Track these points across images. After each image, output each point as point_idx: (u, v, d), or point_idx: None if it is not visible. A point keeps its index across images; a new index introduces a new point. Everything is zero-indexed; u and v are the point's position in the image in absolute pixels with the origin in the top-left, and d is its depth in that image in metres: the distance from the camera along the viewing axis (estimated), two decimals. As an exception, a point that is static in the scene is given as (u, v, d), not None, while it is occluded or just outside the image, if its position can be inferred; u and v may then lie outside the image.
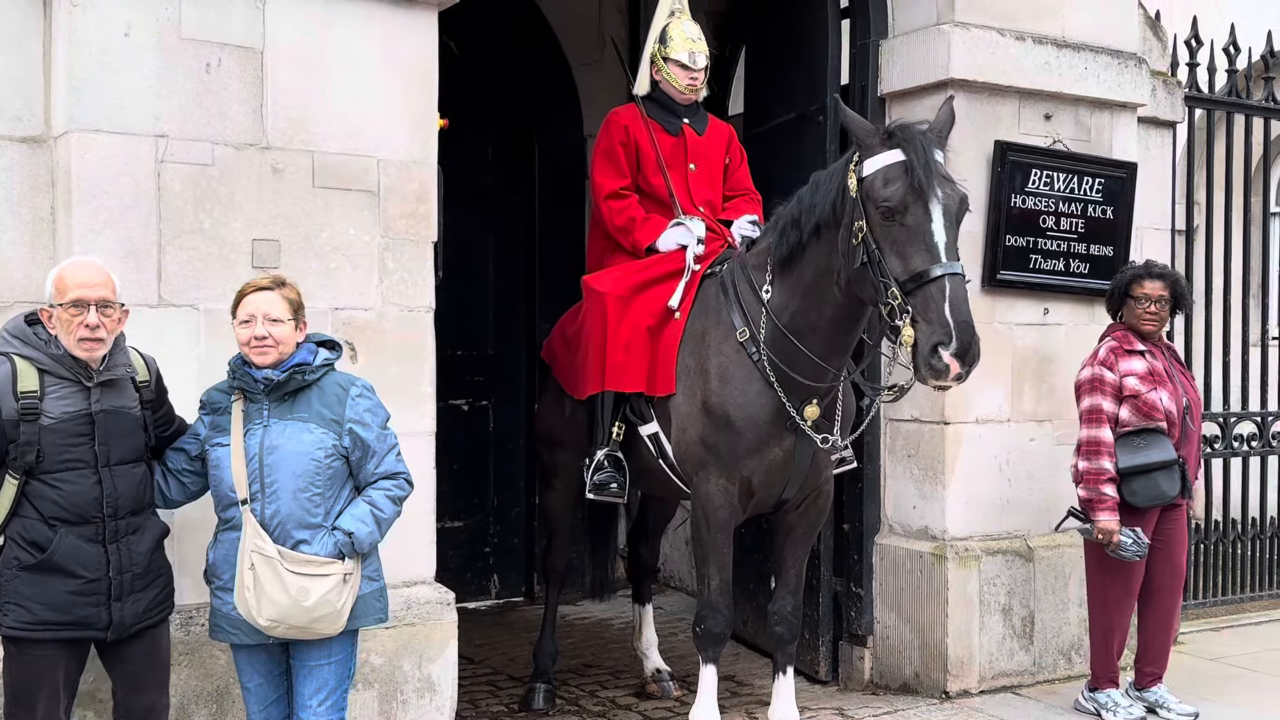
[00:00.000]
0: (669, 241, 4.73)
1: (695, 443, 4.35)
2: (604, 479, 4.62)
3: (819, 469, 4.38)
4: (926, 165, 3.74)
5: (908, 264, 3.70)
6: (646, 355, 4.51)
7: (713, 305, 4.44)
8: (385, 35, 4.14)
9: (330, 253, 4.07)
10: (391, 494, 3.48)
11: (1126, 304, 4.92)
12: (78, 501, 3.20)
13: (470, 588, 6.90)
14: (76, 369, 3.23)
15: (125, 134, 3.76)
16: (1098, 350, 4.88)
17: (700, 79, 4.89)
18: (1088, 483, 4.73)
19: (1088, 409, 4.78)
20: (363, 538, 3.39)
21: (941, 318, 3.61)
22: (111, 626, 3.27)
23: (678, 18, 4.91)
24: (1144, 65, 5.74)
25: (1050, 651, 5.43)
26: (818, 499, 4.53)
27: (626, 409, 4.66)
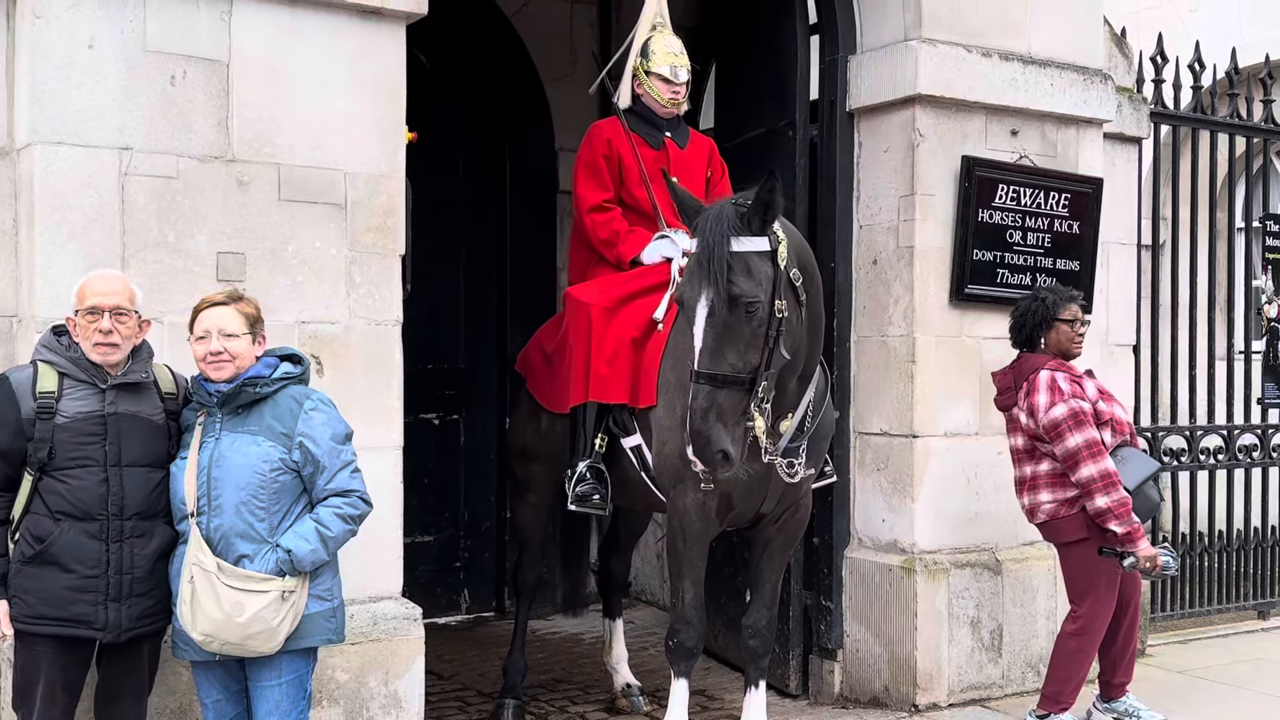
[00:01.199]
0: (653, 254, 4.75)
1: (674, 456, 4.33)
2: (586, 490, 4.60)
3: (797, 484, 4.37)
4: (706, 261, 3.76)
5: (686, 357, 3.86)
6: (630, 367, 4.51)
7: None
8: (353, 48, 4.13)
9: (297, 266, 4.05)
10: (342, 512, 3.41)
11: (1054, 329, 4.74)
12: (83, 497, 3.29)
13: (440, 603, 6.86)
14: (93, 372, 3.36)
15: (89, 146, 3.75)
16: (1054, 384, 4.62)
17: (682, 93, 4.92)
18: (1120, 516, 4.51)
19: (1086, 444, 4.53)
20: (302, 555, 3.34)
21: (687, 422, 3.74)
22: (109, 627, 3.31)
23: (660, 31, 4.93)
24: (1110, 82, 5.80)
25: (1019, 664, 5.45)
26: (796, 513, 4.53)
27: (609, 421, 4.65)
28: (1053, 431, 4.61)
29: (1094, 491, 4.53)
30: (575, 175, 5.00)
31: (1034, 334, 4.80)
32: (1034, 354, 4.79)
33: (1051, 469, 4.70)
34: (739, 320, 3.75)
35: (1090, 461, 4.53)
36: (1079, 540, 4.69)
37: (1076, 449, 4.55)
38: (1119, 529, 4.52)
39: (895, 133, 5.33)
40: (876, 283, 5.43)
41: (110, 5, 3.77)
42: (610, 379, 4.53)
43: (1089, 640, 4.76)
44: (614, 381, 4.53)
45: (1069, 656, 4.75)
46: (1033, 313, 4.81)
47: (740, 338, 3.76)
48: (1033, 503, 4.80)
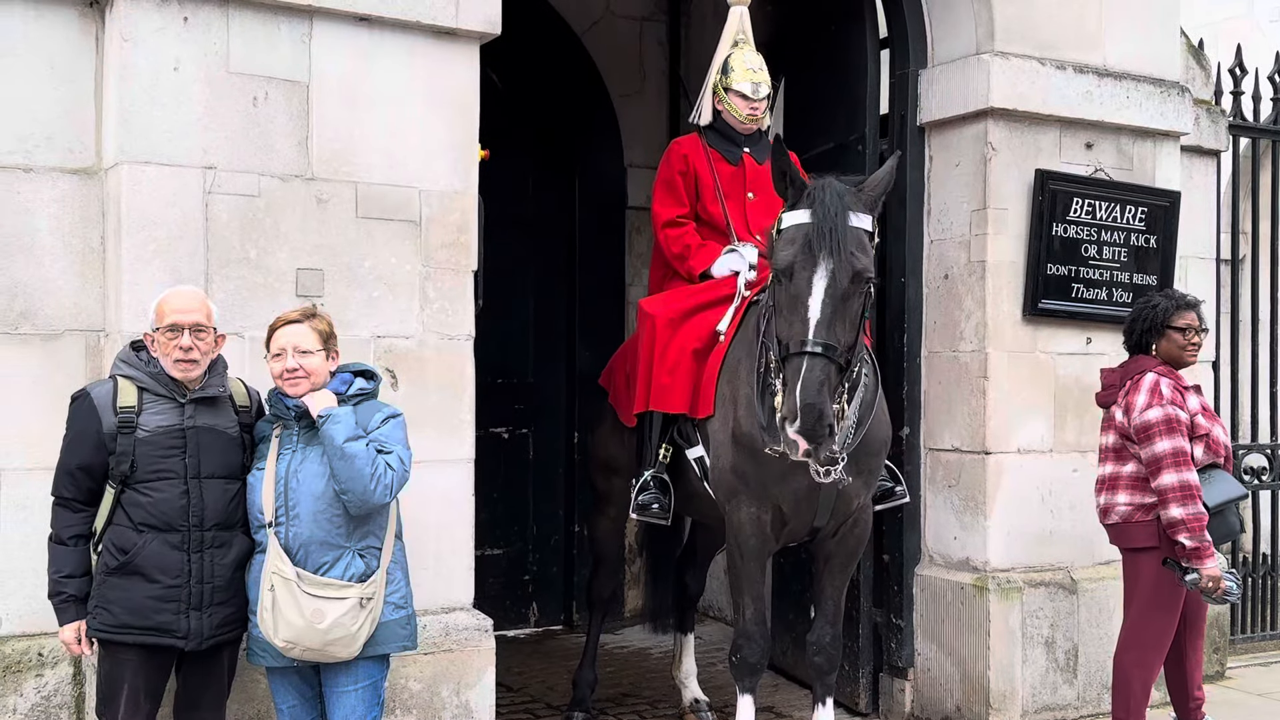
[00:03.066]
0: (722, 268, 4.76)
1: (727, 470, 4.35)
2: (647, 499, 4.62)
3: (849, 497, 4.34)
4: (823, 235, 3.71)
5: (786, 330, 3.77)
6: (691, 378, 4.54)
7: (750, 334, 4.46)
8: (428, 68, 4.20)
9: (372, 282, 4.12)
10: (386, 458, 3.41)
11: (1167, 336, 4.64)
12: (166, 509, 3.37)
13: (509, 615, 6.91)
14: (172, 386, 3.44)
15: (174, 166, 3.85)
16: (1157, 387, 4.51)
17: (761, 109, 4.93)
18: (1193, 530, 4.39)
19: (1172, 452, 4.41)
20: (337, 415, 3.37)
21: (792, 396, 3.63)
22: (190, 635, 3.39)
23: (741, 48, 4.95)
24: (1187, 94, 5.70)
25: (1094, 685, 5.35)
26: (854, 527, 4.50)
27: (674, 432, 4.67)
28: (1143, 433, 4.49)
29: (1170, 501, 4.42)
30: (654, 191, 5.06)
31: (1144, 339, 4.67)
32: (1146, 356, 4.68)
33: (1135, 472, 4.58)
34: (853, 295, 3.73)
35: (1173, 470, 4.42)
36: (1147, 548, 4.57)
37: (1162, 454, 4.44)
38: (1188, 542, 4.40)
39: (967, 146, 5.30)
40: (947, 297, 5.39)
41: (195, 28, 3.87)
42: (671, 389, 4.56)
43: (1147, 655, 4.62)
44: (674, 391, 4.55)
45: (1126, 673, 4.63)
46: (1144, 318, 4.68)
47: (850, 313, 3.73)
48: (1109, 502, 4.68)
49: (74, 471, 3.40)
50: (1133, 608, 4.66)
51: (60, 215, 3.94)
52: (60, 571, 3.41)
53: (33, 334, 3.91)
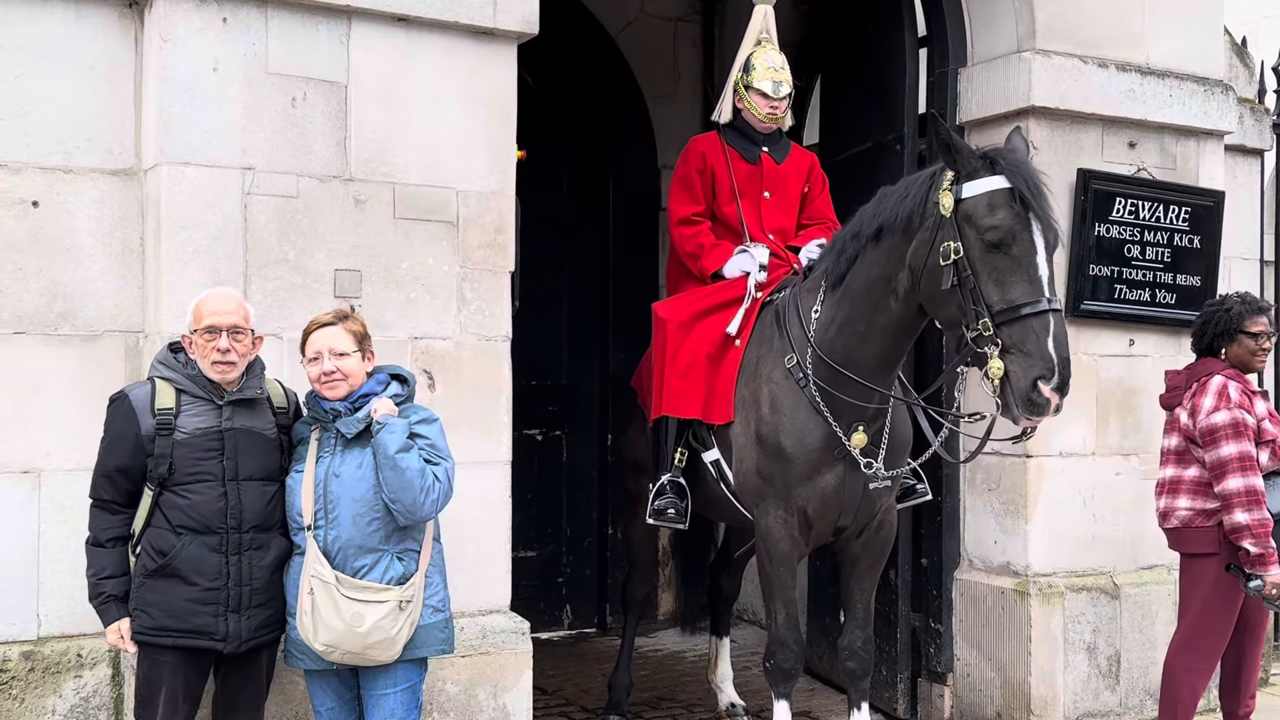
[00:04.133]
0: (734, 268, 4.71)
1: (752, 473, 4.32)
2: (663, 504, 4.59)
3: (873, 497, 4.30)
4: (1038, 196, 3.68)
5: (1006, 294, 3.61)
6: (704, 382, 4.49)
7: (767, 333, 4.42)
8: (465, 68, 4.19)
9: (410, 283, 4.11)
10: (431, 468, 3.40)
11: (1238, 341, 4.54)
12: (204, 511, 3.36)
13: (543, 618, 6.89)
14: (210, 388, 3.43)
15: (213, 167, 3.85)
16: (1224, 390, 4.44)
17: (781, 108, 4.87)
18: (1258, 536, 4.33)
19: (1238, 456, 4.35)
20: (393, 425, 3.37)
21: (1043, 351, 3.54)
22: (229, 637, 3.38)
23: (763, 47, 4.90)
24: (1230, 92, 5.62)
25: (1137, 692, 5.28)
26: (880, 530, 4.45)
27: (689, 435, 4.64)
28: (1208, 436, 4.42)
29: (1235, 506, 4.34)
30: (670, 189, 5.03)
31: (1214, 343, 4.59)
32: (1214, 359, 4.59)
33: (1198, 476, 4.50)
34: (1052, 258, 3.71)
35: (1239, 474, 4.34)
36: (1207, 554, 4.48)
37: (1228, 459, 4.36)
38: (1253, 548, 4.32)
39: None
40: (987, 299, 5.33)
41: (234, 29, 3.87)
42: (683, 393, 4.51)
43: (1199, 661, 4.54)
44: (687, 396, 4.51)
45: (1176, 678, 4.54)
46: (1215, 321, 4.60)
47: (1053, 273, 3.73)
48: (1169, 506, 4.59)
49: (112, 474, 3.39)
50: (1189, 613, 4.58)
51: (100, 216, 3.95)
52: (100, 573, 3.40)
53: (72, 335, 3.92)
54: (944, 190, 3.75)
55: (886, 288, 3.97)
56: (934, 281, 3.77)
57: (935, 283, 3.76)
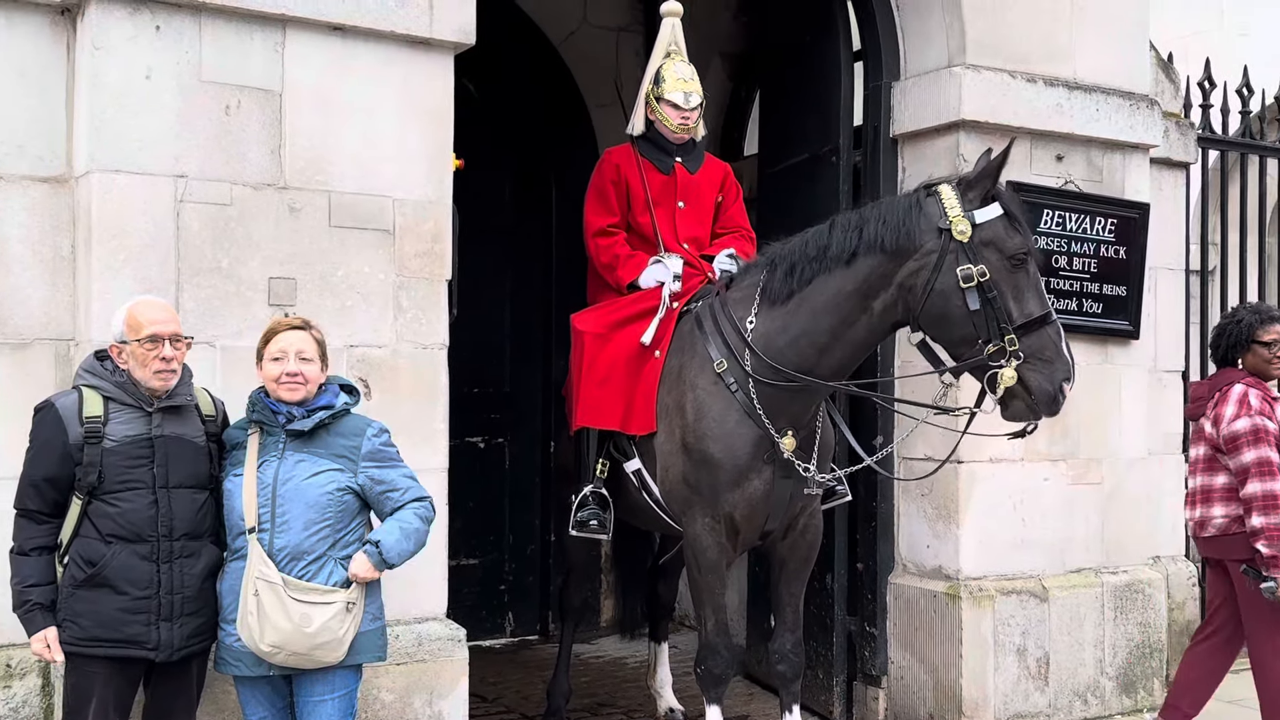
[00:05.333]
0: (649, 279, 4.75)
1: (678, 481, 4.36)
2: (586, 515, 4.62)
3: (798, 500, 4.39)
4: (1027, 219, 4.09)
5: (1024, 309, 3.92)
6: (623, 393, 4.52)
7: (688, 341, 4.46)
8: (402, 78, 4.21)
9: (345, 291, 4.12)
10: (421, 513, 3.52)
11: (1252, 350, 4.70)
12: (134, 520, 3.34)
13: (485, 625, 6.89)
14: (139, 395, 3.41)
15: (145, 174, 3.83)
16: (1245, 398, 4.59)
17: (692, 118, 4.91)
18: (1271, 539, 4.45)
19: (1257, 461, 4.50)
20: (390, 545, 3.43)
21: (1063, 356, 3.91)
22: (161, 646, 3.36)
23: (672, 58, 4.94)
24: (1156, 107, 5.77)
25: (1066, 692, 5.39)
26: (805, 533, 4.52)
27: (611, 445, 4.67)
28: (1231, 444, 4.57)
29: (1254, 509, 4.48)
30: (585, 200, 5.04)
31: (1229, 354, 4.76)
32: (1234, 369, 4.76)
33: (1228, 483, 4.63)
34: None
35: (1258, 479, 4.49)
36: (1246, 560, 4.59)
37: (1249, 464, 4.51)
38: (1265, 550, 4.45)
39: (940, 158, 5.33)
40: (920, 308, 5.42)
41: (167, 36, 3.87)
42: (602, 404, 4.55)
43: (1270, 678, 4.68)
44: (606, 407, 4.55)
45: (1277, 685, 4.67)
46: (1229, 333, 4.77)
47: None
48: (1204, 516, 4.70)
49: (39, 483, 3.36)
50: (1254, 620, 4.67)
51: (30, 224, 3.92)
52: (25, 581, 3.37)
53: (1, 343, 3.89)
54: (958, 217, 3.93)
55: (861, 304, 4.10)
56: (947, 302, 3.95)
57: (948, 303, 3.95)
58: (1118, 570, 5.61)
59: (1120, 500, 5.64)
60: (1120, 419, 5.64)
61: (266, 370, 3.49)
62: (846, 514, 5.37)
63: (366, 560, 3.41)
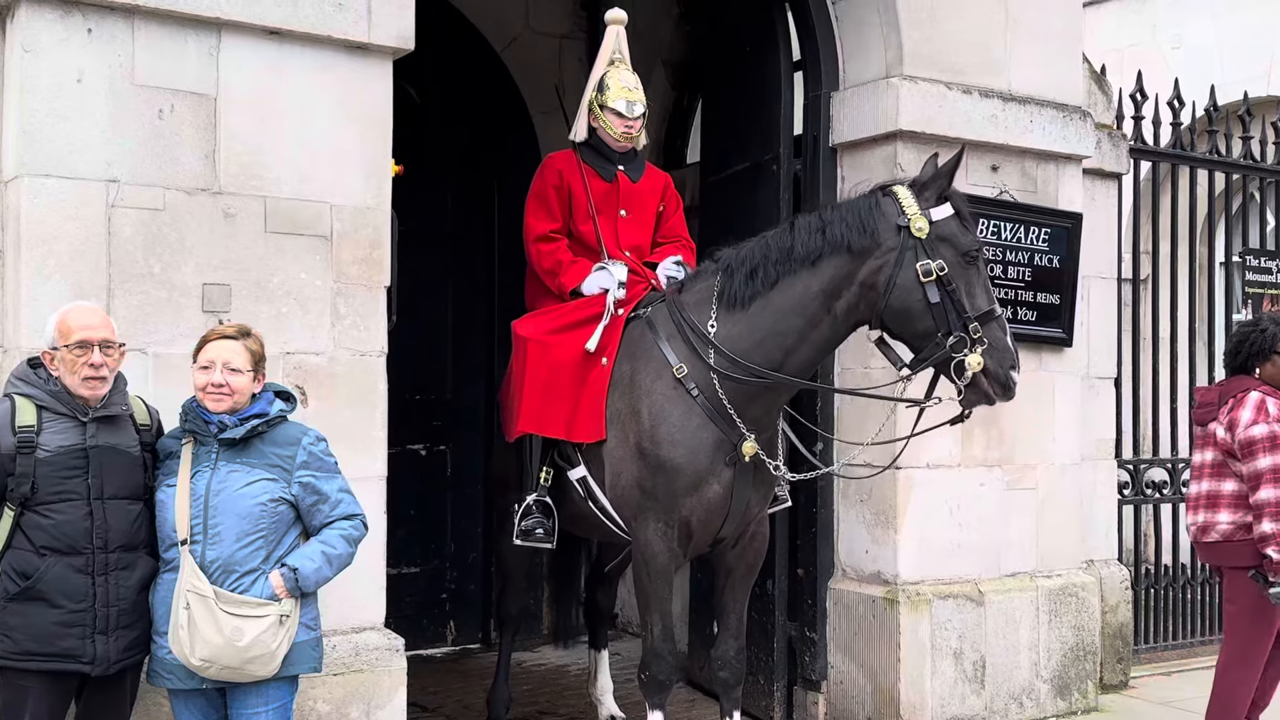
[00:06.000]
0: (592, 285, 4.73)
1: (631, 487, 4.35)
2: (530, 525, 4.60)
3: (752, 506, 4.41)
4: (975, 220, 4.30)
5: (976, 302, 4.09)
6: (568, 401, 4.50)
7: (640, 347, 4.46)
8: (340, 83, 4.18)
9: (282, 297, 4.08)
10: (347, 534, 3.48)
11: (1271, 360, 4.68)
12: (68, 531, 3.28)
13: (426, 634, 6.85)
14: (73, 404, 3.34)
15: (76, 179, 3.78)
16: (1263, 405, 4.57)
17: (636, 127, 4.90)
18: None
19: (1273, 468, 4.47)
20: (308, 573, 3.39)
21: (1009, 346, 4.12)
22: (97, 660, 3.31)
23: (616, 66, 4.94)
24: (1089, 118, 5.87)
25: (1002, 695, 5.46)
26: (754, 540, 4.54)
27: (554, 453, 4.65)
28: (1246, 449, 4.56)
29: (1265, 515, 4.47)
30: (526, 206, 5.00)
31: (1249, 363, 4.75)
32: (1248, 376, 4.74)
33: (1236, 490, 4.62)
34: None
35: (1272, 486, 4.48)
36: (1248, 568, 4.58)
37: (1263, 470, 4.50)
38: (1275, 555, 4.44)
39: (878, 167, 5.39)
40: (859, 315, 5.47)
41: (99, 40, 3.81)
42: (546, 412, 4.53)
43: (1248, 673, 4.64)
44: (550, 414, 4.52)
45: (1231, 693, 4.64)
46: (1250, 341, 4.75)
47: None
48: (1208, 521, 4.68)
49: None
50: (1236, 628, 4.68)
51: (-43, 229, 3.85)
52: None
53: (-73, 350, 3.82)
54: (916, 215, 4.07)
55: (826, 304, 4.17)
56: (908, 296, 4.08)
57: (910, 297, 4.07)
58: (1052, 574, 5.70)
59: (1054, 505, 5.73)
60: (1054, 425, 5.74)
61: (195, 378, 3.44)
62: (787, 520, 5.41)
63: (281, 583, 3.37)
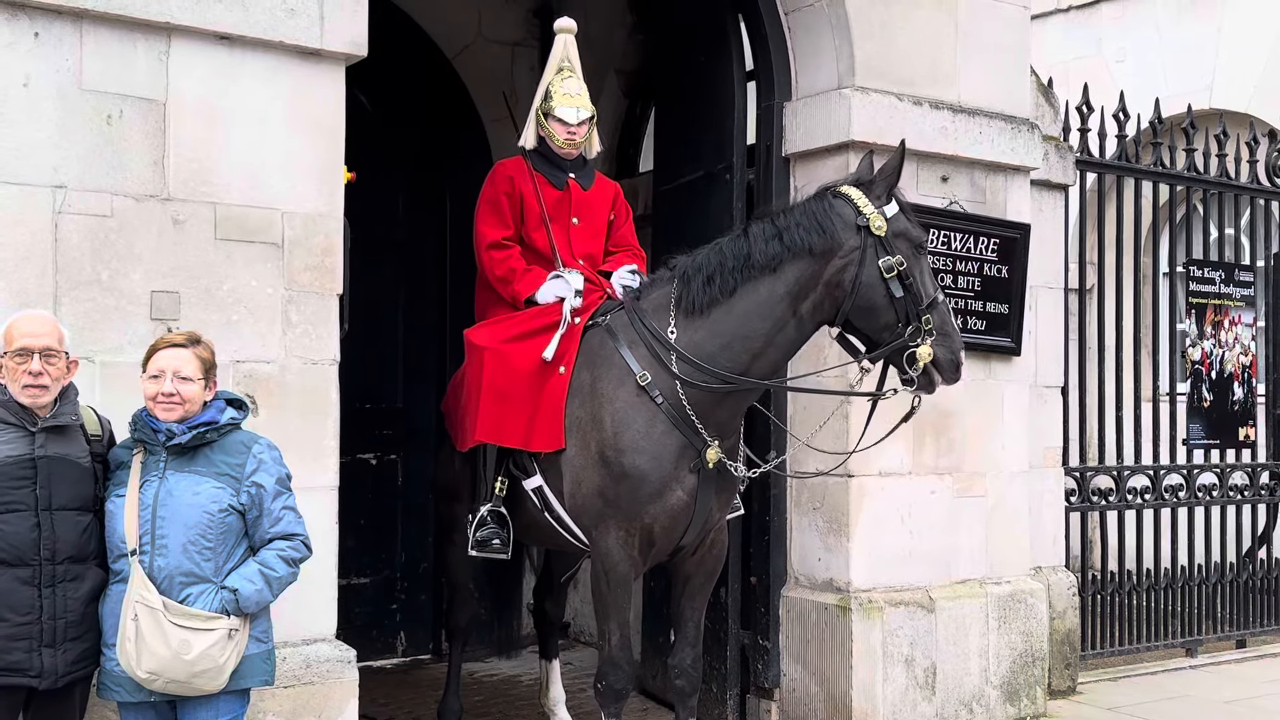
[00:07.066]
0: (547, 294, 4.71)
1: (593, 495, 4.34)
2: (486, 535, 4.58)
3: (714, 513, 4.42)
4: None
5: (929, 291, 4.22)
6: (525, 410, 4.48)
7: (600, 355, 4.45)
8: (291, 89, 4.14)
9: (232, 305, 4.04)
10: (285, 554, 3.43)
11: None
12: (15, 543, 3.23)
13: (376, 645, 6.79)
14: (21, 415, 3.29)
15: (21, 185, 3.71)
16: None
17: (579, 134, 4.89)
18: None
19: None
20: (248, 595, 3.35)
21: (955, 330, 4.30)
22: (45, 673, 3.26)
23: (563, 74, 4.94)
24: (1037, 130, 5.96)
25: (952, 702, 5.51)
26: (713, 548, 4.55)
27: (509, 463, 4.63)
28: None
29: None
30: (477, 212, 4.96)
31: None
32: None
33: None
34: None
35: None
36: None
37: None
38: None
39: (830, 177, 5.35)
40: (811, 324, 5.50)
41: (46, 44, 3.75)
42: (503, 421, 4.50)
43: None
44: (507, 423, 4.50)
45: None
46: None
47: None
48: None
49: None
50: None
51: (-102, 234, 3.76)
52: None
53: None
54: (874, 214, 4.20)
55: (790, 306, 4.23)
56: (873, 292, 4.18)
57: (874, 293, 4.18)
58: (1001, 581, 5.76)
59: (1003, 512, 5.80)
60: (1004, 433, 5.81)
61: (145, 388, 3.40)
62: (740, 528, 5.42)
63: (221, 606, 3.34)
